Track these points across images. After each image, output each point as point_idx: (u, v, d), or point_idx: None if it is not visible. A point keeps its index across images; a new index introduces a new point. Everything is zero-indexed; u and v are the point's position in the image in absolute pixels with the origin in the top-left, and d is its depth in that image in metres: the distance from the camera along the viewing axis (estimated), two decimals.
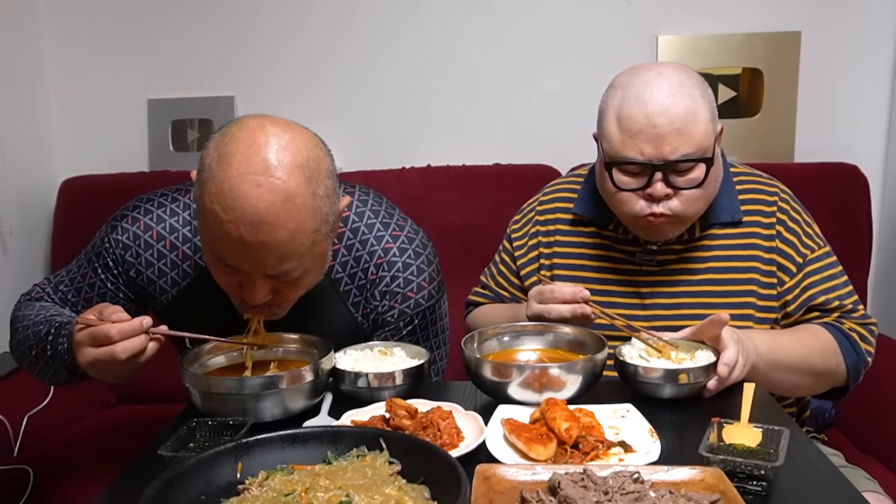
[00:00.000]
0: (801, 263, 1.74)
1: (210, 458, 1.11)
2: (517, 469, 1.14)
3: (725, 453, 1.19)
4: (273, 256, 1.40)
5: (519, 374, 1.44)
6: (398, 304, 1.71)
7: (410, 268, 1.70)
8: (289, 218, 1.37)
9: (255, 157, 1.36)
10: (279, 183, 1.35)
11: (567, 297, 1.60)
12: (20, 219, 2.84)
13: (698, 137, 1.58)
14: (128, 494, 1.21)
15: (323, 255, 1.52)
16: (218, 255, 1.43)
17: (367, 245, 1.70)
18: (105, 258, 1.73)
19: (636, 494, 1.02)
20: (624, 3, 2.90)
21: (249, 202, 1.34)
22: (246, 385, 1.42)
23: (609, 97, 1.67)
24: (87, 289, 1.76)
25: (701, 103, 1.59)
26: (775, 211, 1.76)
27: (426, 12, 2.94)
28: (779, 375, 1.62)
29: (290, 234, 1.38)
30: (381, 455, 1.14)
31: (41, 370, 1.69)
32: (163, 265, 1.71)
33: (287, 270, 1.44)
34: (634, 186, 1.63)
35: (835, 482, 1.20)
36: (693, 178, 1.61)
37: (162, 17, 3.00)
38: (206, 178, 1.39)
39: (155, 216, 1.72)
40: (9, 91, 2.79)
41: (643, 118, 1.57)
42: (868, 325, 1.73)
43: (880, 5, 2.84)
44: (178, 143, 3.06)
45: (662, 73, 1.61)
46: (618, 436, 1.32)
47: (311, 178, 1.40)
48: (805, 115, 2.89)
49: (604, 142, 1.67)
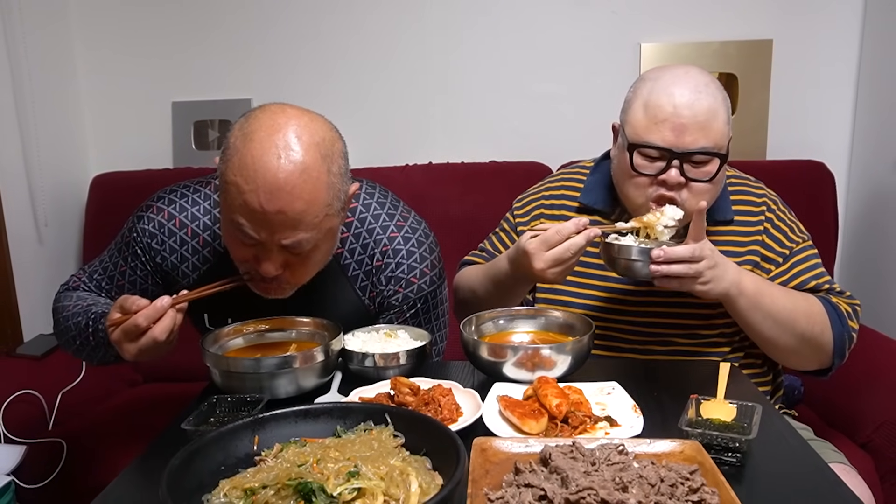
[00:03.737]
0: (787, 255, 1.73)
1: (229, 432, 1.11)
2: (511, 442, 1.14)
3: (703, 427, 1.19)
4: (289, 225, 1.40)
5: (513, 355, 1.44)
6: (402, 289, 1.70)
7: (413, 255, 1.70)
8: (305, 189, 1.38)
9: (276, 135, 1.39)
10: (297, 157, 1.38)
11: (573, 229, 1.52)
12: (54, 212, 2.83)
13: (717, 134, 1.57)
14: (154, 465, 1.21)
15: (333, 232, 1.52)
16: (238, 225, 1.42)
17: (373, 234, 1.70)
18: (133, 247, 1.73)
19: (621, 465, 1.01)
20: (609, 13, 2.90)
21: (270, 172, 1.36)
22: (262, 364, 1.42)
23: (638, 87, 1.65)
24: (119, 276, 1.76)
25: (722, 106, 1.59)
26: (763, 210, 1.76)
27: (429, 22, 2.94)
28: (760, 320, 1.59)
29: (306, 205, 1.39)
30: (386, 429, 1.14)
31: (88, 356, 1.71)
32: (185, 251, 1.71)
33: (300, 241, 1.43)
34: (651, 172, 1.61)
35: (804, 454, 1.20)
36: (706, 172, 1.59)
37: (184, 26, 3.00)
38: (229, 154, 1.42)
39: (178, 206, 1.72)
40: (45, 94, 2.79)
41: (670, 108, 1.56)
42: (854, 305, 1.70)
43: (846, 16, 2.84)
44: (200, 142, 3.05)
45: (690, 73, 1.60)
46: (604, 411, 1.32)
47: (326, 156, 1.42)
48: (776, 116, 2.89)
49: (627, 127, 1.64)
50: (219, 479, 1.04)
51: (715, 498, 0.94)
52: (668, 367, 1.65)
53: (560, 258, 1.51)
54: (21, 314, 2.62)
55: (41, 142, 2.74)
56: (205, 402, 1.33)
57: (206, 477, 1.04)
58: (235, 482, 1.02)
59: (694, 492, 0.96)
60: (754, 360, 1.77)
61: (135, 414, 2.41)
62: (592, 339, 1.51)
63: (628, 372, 1.56)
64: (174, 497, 0.92)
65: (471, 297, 1.84)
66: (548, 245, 1.52)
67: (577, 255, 1.52)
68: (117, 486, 1.18)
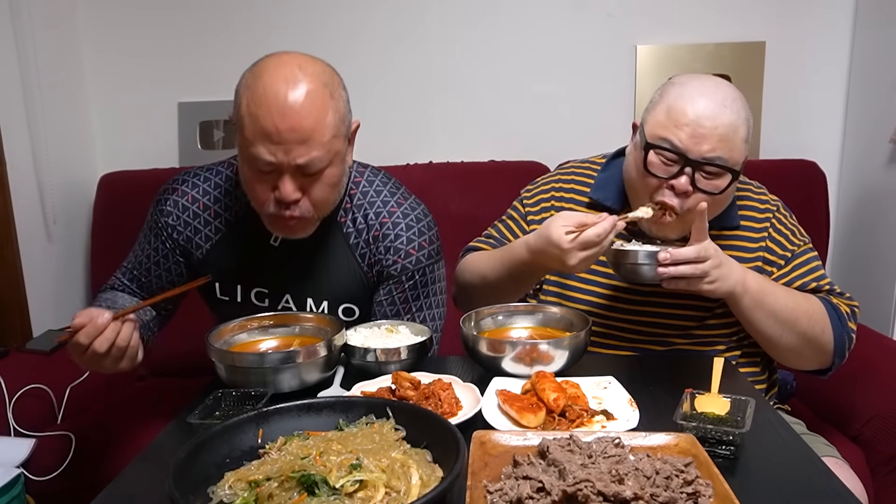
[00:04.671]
0: (789, 257, 1.72)
1: (234, 426, 1.11)
2: (510, 435, 1.14)
3: (697, 421, 1.19)
4: (301, 142, 1.49)
5: (512, 350, 1.44)
6: (400, 259, 1.73)
7: (412, 229, 1.75)
8: (312, 108, 1.50)
9: (282, 68, 1.52)
10: (303, 83, 1.50)
11: (609, 229, 1.49)
12: (63, 209, 2.83)
13: (734, 150, 1.54)
14: (160, 458, 1.22)
15: (340, 157, 1.60)
16: (256, 156, 1.51)
17: (374, 206, 1.75)
18: (154, 228, 1.81)
19: (617, 458, 1.02)
20: (605, 16, 2.89)
21: (280, 97, 1.48)
22: (266, 359, 1.42)
23: (665, 90, 1.61)
24: (146, 260, 1.84)
25: (744, 125, 1.56)
26: (768, 217, 1.75)
27: (430, 26, 2.93)
28: (763, 318, 1.59)
29: (314, 122, 1.50)
30: (387, 422, 1.14)
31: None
32: (197, 224, 1.78)
33: (312, 159, 1.51)
34: (662, 174, 1.57)
35: (796, 447, 1.20)
36: (716, 185, 1.56)
37: (190, 29, 2.99)
38: (242, 94, 1.54)
39: (190, 184, 1.80)
40: (54, 95, 2.78)
41: (693, 114, 1.53)
42: (853, 306, 1.70)
43: (837, 19, 2.84)
44: (205, 141, 3.05)
45: (720, 86, 1.57)
46: (601, 405, 1.32)
47: (328, 85, 1.55)
48: (769, 117, 2.89)
49: (647, 126, 1.61)
50: (224, 472, 1.04)
51: (709, 490, 0.95)
52: (664, 361, 1.65)
53: (593, 256, 1.50)
54: (30, 310, 2.62)
55: (50, 141, 2.73)
56: (210, 396, 1.34)
57: (211, 469, 1.04)
58: (240, 474, 1.02)
59: (688, 484, 0.96)
60: (750, 360, 1.76)
61: (142, 407, 2.40)
62: (589, 334, 1.51)
63: (624, 367, 1.56)
64: (180, 489, 0.92)
65: (479, 281, 1.80)
66: (584, 245, 1.49)
67: (602, 239, 1.49)
68: (124, 478, 1.18)
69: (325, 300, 1.77)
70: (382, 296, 1.76)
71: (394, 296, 1.76)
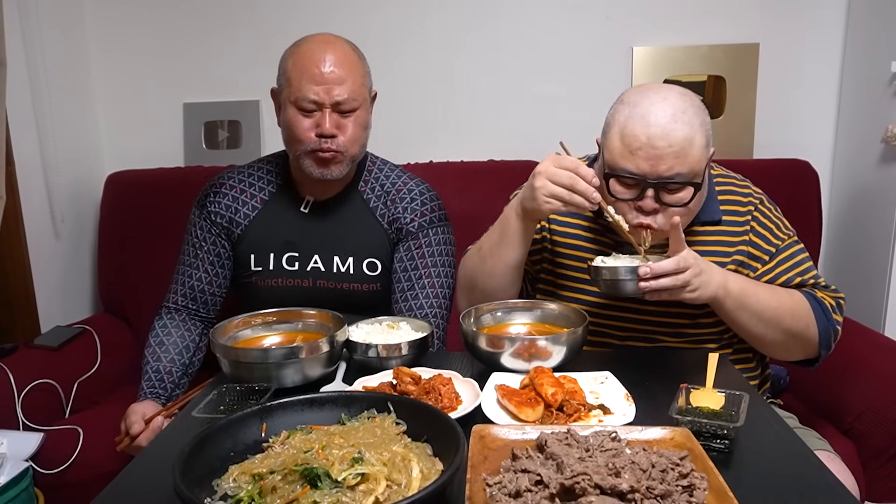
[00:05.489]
0: (773, 252, 1.71)
1: (238, 420, 1.11)
2: (509, 429, 1.14)
3: (692, 415, 1.19)
4: (339, 84, 1.79)
5: (510, 346, 1.44)
6: (417, 217, 1.95)
7: (424, 195, 1.99)
8: (346, 59, 1.82)
9: (319, 36, 1.86)
10: (337, 44, 1.85)
11: (589, 175, 1.50)
12: (71, 208, 2.83)
13: (692, 162, 1.52)
14: (166, 451, 1.21)
15: (367, 104, 1.88)
16: (301, 98, 1.80)
17: (389, 178, 2.00)
18: (199, 222, 2.00)
19: (614, 451, 1.01)
20: (603, 18, 2.89)
21: (319, 51, 1.81)
22: (270, 355, 1.42)
23: (616, 112, 1.59)
24: (194, 261, 2.01)
25: (699, 132, 1.53)
26: (751, 210, 1.74)
27: (431, 29, 2.93)
28: (746, 319, 1.59)
29: (349, 69, 1.82)
30: (388, 417, 1.14)
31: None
32: (237, 205, 1.99)
33: (348, 98, 1.80)
34: (627, 197, 1.56)
35: (789, 441, 1.20)
36: (680, 198, 1.55)
37: (195, 30, 2.99)
38: (286, 59, 1.85)
39: (226, 176, 2.03)
40: (62, 95, 2.78)
41: (645, 138, 1.51)
42: (838, 298, 1.69)
43: (829, 21, 2.84)
44: (210, 141, 3.05)
45: (668, 99, 1.54)
46: (597, 400, 1.32)
47: (356, 51, 1.89)
48: (763, 117, 2.88)
49: (606, 152, 1.59)
50: (228, 465, 1.04)
51: (704, 483, 0.95)
52: (659, 357, 1.65)
53: (557, 195, 1.51)
54: (38, 306, 2.62)
55: (58, 141, 2.73)
56: (215, 391, 1.33)
57: (216, 462, 1.04)
58: (244, 468, 1.02)
59: (684, 477, 0.96)
60: (742, 356, 1.76)
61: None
62: (587, 330, 1.51)
63: (621, 362, 1.55)
64: (186, 482, 0.92)
65: (478, 262, 1.76)
66: (560, 164, 1.52)
67: (574, 190, 1.50)
68: (131, 471, 1.18)
69: (351, 257, 1.95)
70: (402, 251, 1.95)
71: (413, 251, 1.94)
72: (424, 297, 1.89)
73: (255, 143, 3.03)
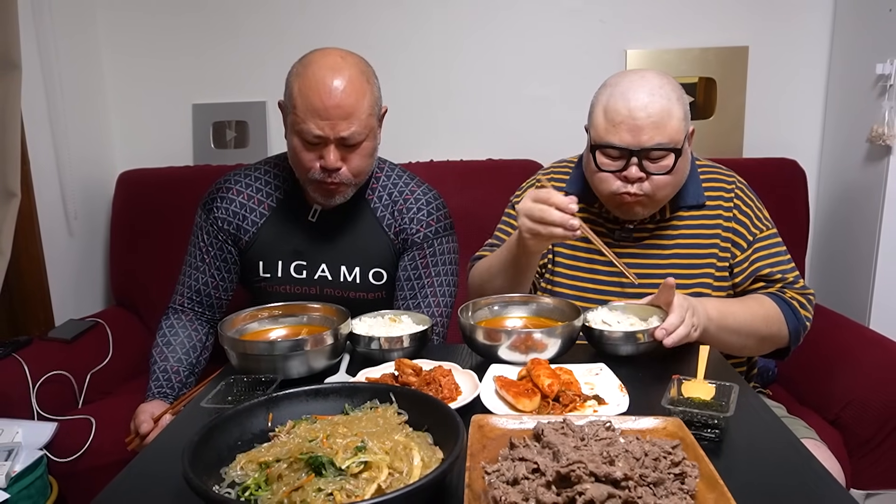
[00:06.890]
0: (751, 241, 1.74)
1: (245, 410, 1.11)
2: (507, 419, 1.14)
3: (684, 405, 1.19)
4: (344, 119, 1.68)
5: (507, 338, 1.44)
6: (422, 228, 1.89)
7: (430, 205, 1.92)
8: (353, 89, 1.69)
9: (327, 58, 1.71)
10: (346, 70, 1.70)
11: (563, 202, 1.50)
12: (83, 205, 2.83)
13: (671, 131, 1.59)
14: (176, 440, 1.21)
15: (374, 133, 1.77)
16: (305, 131, 1.69)
17: (396, 187, 1.92)
18: (204, 226, 1.93)
19: (608, 440, 1.01)
20: (597, 21, 2.89)
21: (327, 80, 1.67)
22: (276, 347, 1.42)
23: (599, 94, 1.68)
24: (201, 264, 1.95)
25: (676, 105, 1.61)
26: (733, 197, 1.77)
27: (431, 31, 2.93)
28: (727, 337, 1.61)
29: (355, 102, 1.69)
30: (391, 407, 1.14)
31: None
32: (244, 212, 1.91)
33: (353, 132, 1.69)
34: (613, 168, 1.64)
35: (778, 430, 1.20)
36: (663, 166, 1.62)
37: (203, 34, 2.99)
38: (292, 82, 1.72)
39: (232, 181, 1.94)
40: (75, 97, 2.78)
41: (626, 111, 1.59)
42: (807, 295, 1.72)
43: (816, 24, 2.84)
44: (218, 141, 3.04)
45: (645, 77, 1.63)
46: (592, 390, 1.32)
47: (365, 73, 1.74)
48: (752, 117, 2.89)
49: (591, 130, 1.68)
50: (236, 454, 1.04)
51: (695, 471, 0.94)
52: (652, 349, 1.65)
53: (538, 230, 1.52)
54: (52, 300, 2.62)
55: (71, 141, 2.73)
56: (223, 382, 1.33)
57: (224, 451, 1.04)
58: (251, 456, 1.02)
59: (676, 465, 0.96)
60: None
61: None
62: (582, 323, 1.50)
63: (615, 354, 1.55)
64: (195, 470, 0.92)
65: (489, 277, 1.79)
66: (535, 197, 1.53)
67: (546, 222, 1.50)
68: (142, 459, 1.18)
69: (357, 266, 1.91)
70: (407, 261, 1.90)
71: (417, 261, 1.89)
72: (427, 305, 1.88)
73: (261, 142, 3.02)
